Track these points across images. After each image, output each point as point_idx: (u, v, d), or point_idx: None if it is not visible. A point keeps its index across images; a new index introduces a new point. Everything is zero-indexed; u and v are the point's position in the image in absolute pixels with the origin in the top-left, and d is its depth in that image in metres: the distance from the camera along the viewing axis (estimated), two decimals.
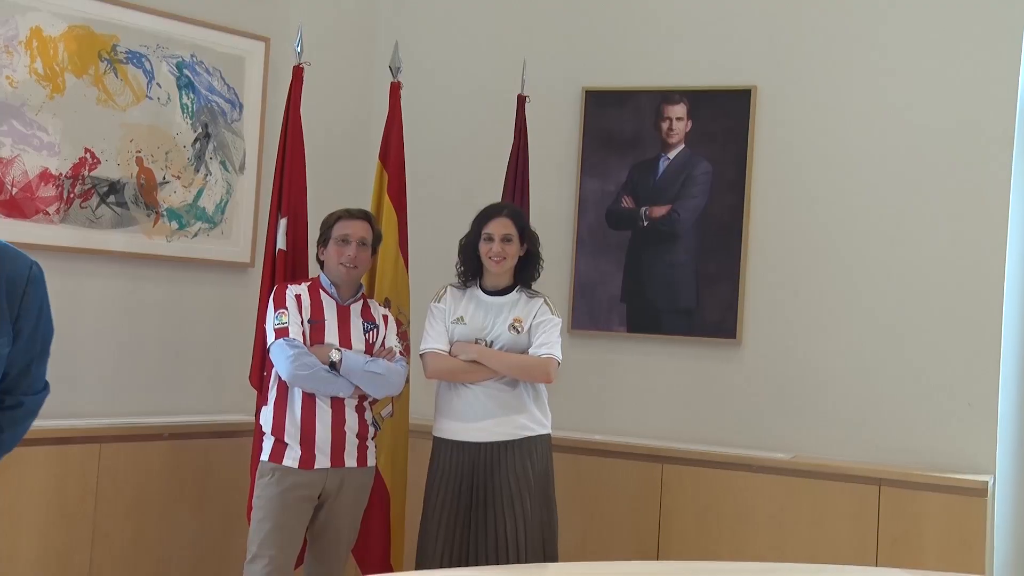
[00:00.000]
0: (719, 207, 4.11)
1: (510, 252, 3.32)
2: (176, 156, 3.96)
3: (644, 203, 4.23)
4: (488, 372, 3.27)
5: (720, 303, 4.09)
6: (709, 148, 4.13)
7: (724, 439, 4.03)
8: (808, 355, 3.99)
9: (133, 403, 3.87)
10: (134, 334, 3.90)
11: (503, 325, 3.31)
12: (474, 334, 3.33)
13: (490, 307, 3.34)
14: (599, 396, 4.27)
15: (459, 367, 3.28)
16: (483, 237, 3.33)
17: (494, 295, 3.36)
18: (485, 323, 3.32)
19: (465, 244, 3.38)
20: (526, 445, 3.28)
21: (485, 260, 3.34)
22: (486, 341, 3.32)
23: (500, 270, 3.33)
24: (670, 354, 4.16)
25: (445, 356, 3.31)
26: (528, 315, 3.33)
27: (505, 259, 3.32)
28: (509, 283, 3.37)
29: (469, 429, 3.28)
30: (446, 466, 3.31)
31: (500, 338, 3.31)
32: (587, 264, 4.30)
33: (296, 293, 3.28)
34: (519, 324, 3.32)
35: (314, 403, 3.22)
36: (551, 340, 3.30)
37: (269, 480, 3.21)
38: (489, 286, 3.38)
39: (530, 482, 3.26)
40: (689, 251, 4.14)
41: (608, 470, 3.96)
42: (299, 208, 3.62)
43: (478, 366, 3.28)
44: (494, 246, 3.31)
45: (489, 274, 3.36)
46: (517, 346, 3.31)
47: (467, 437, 3.29)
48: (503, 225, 3.33)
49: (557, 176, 4.36)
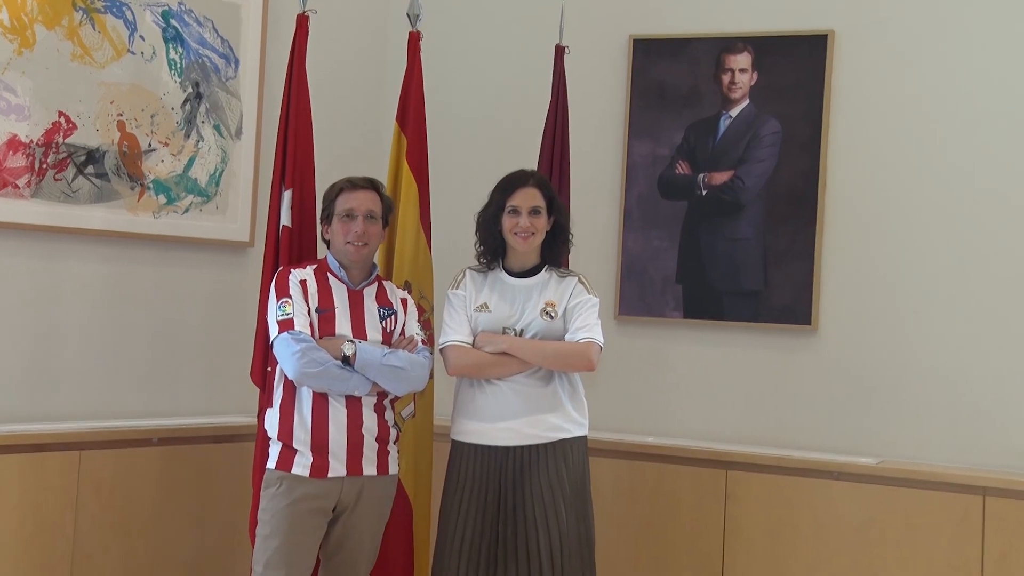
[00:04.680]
0: (790, 172, 4.11)
1: (539, 226, 3.32)
2: (163, 120, 3.95)
3: (702, 169, 4.23)
4: (519, 365, 3.27)
5: (792, 284, 4.08)
6: (778, 104, 4.12)
7: (798, 441, 4.03)
8: (896, 343, 3.97)
9: (118, 404, 3.87)
10: (118, 325, 3.89)
11: (534, 310, 3.31)
12: (501, 323, 3.32)
13: (517, 291, 3.34)
14: (650, 392, 4.29)
15: (486, 361, 3.28)
16: (507, 210, 3.31)
17: (521, 277, 3.36)
18: (513, 309, 3.33)
19: (485, 219, 3.37)
20: (560, 448, 3.28)
21: (510, 237, 3.32)
22: (515, 330, 3.31)
23: (528, 247, 3.33)
24: (733, 343, 4.17)
25: (469, 349, 3.31)
26: (562, 297, 3.32)
27: (534, 235, 3.31)
28: (537, 262, 3.38)
29: (494, 430, 3.28)
30: (467, 474, 3.31)
31: (532, 325, 3.30)
32: (636, 240, 4.31)
33: (300, 278, 3.28)
34: (552, 308, 3.31)
35: (326, 403, 3.21)
36: (590, 322, 3.29)
37: (276, 491, 3.21)
38: (515, 267, 3.37)
39: (565, 491, 3.25)
40: (755, 224, 4.14)
41: (663, 478, 3.97)
42: (306, 178, 3.61)
43: (508, 359, 3.27)
44: (521, 220, 3.30)
45: (515, 253, 3.35)
46: (552, 333, 3.30)
47: (492, 440, 3.28)
48: (530, 196, 3.31)
49: (601, 139, 4.37)
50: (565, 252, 3.44)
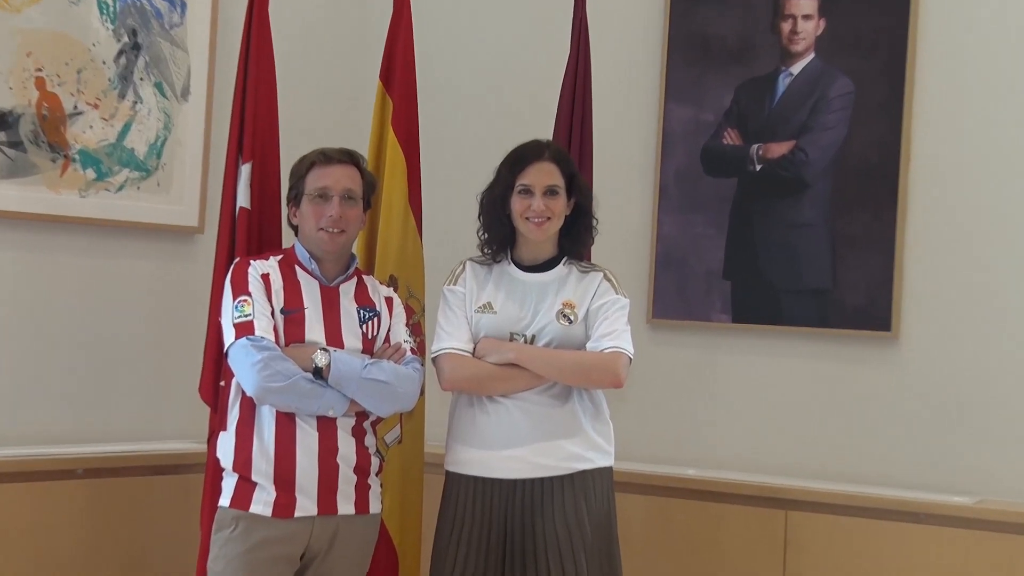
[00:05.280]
0: (864, 143, 4.10)
1: (556, 210, 3.33)
2: (92, 76, 3.96)
3: (756, 138, 4.24)
4: (529, 379, 3.28)
5: (867, 281, 4.08)
6: (850, 58, 4.12)
7: (874, 476, 4.03)
8: (994, 353, 3.96)
9: (36, 426, 3.88)
10: (35, 329, 3.90)
11: (549, 312, 3.33)
12: (508, 326, 3.35)
13: (529, 288, 3.36)
14: (690, 414, 4.31)
15: (488, 373, 3.30)
16: (517, 190, 3.33)
17: (533, 271, 3.38)
18: (523, 311, 3.35)
19: (490, 201, 3.39)
20: (580, 482, 3.29)
21: (521, 223, 3.34)
22: (525, 336, 3.33)
23: (543, 236, 3.35)
24: (793, 354, 4.17)
25: (468, 359, 3.33)
26: (583, 296, 3.34)
27: (550, 220, 3.33)
28: (553, 254, 3.39)
29: (498, 460, 3.30)
30: (466, 512, 3.32)
31: (546, 330, 3.32)
32: (674, 226, 4.31)
33: (262, 272, 3.29)
34: (571, 310, 3.32)
35: (293, 425, 3.22)
36: (617, 328, 3.30)
37: (231, 534, 3.20)
38: (526, 259, 3.39)
39: (586, 534, 3.26)
40: (821, 206, 4.14)
41: (707, 520, 3.98)
42: (268, 150, 3.64)
43: (515, 371, 3.28)
44: (535, 202, 3.31)
45: (526, 243, 3.37)
46: (570, 341, 3.32)
47: (495, 472, 3.30)
48: (545, 172, 3.32)
49: (631, 103, 4.37)
50: (588, 242, 3.45)
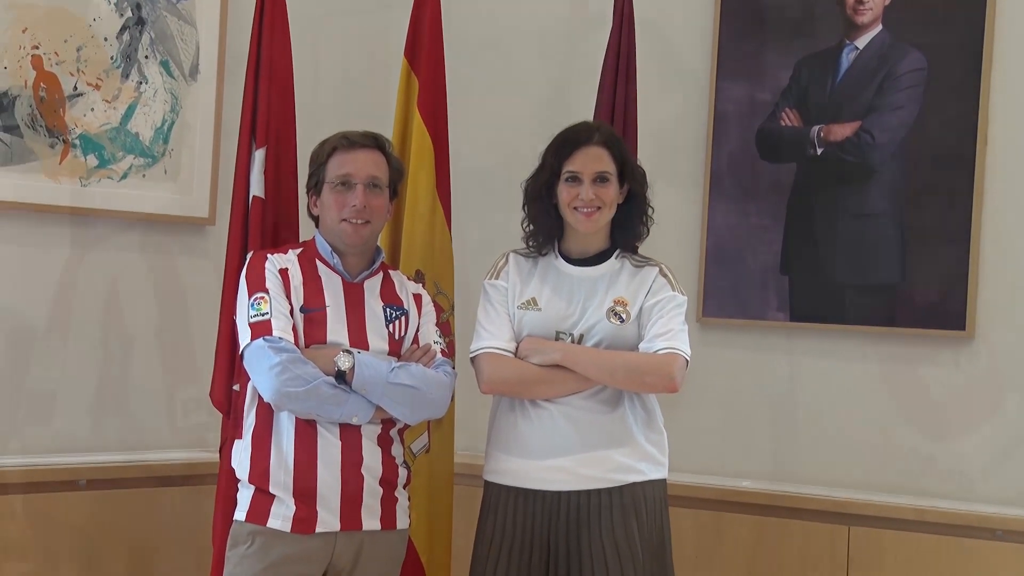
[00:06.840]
0: (938, 125, 4.10)
1: (607, 199, 3.34)
2: (93, 54, 3.97)
3: (817, 120, 4.25)
4: (576, 382, 3.29)
5: (941, 276, 4.10)
6: (922, 31, 4.13)
7: (946, 488, 4.05)
8: None
9: (36, 435, 3.89)
10: (32, 328, 3.91)
11: (599, 310, 3.34)
12: (554, 325, 3.36)
13: (577, 283, 3.38)
14: (746, 421, 4.32)
15: (532, 375, 3.31)
16: (564, 177, 3.35)
17: (582, 265, 3.40)
18: (570, 308, 3.36)
19: (535, 189, 3.40)
20: (631, 495, 3.30)
21: (568, 213, 3.36)
22: (572, 335, 3.35)
23: (592, 227, 3.36)
24: (859, 355, 4.19)
25: (510, 359, 3.34)
26: (637, 293, 3.36)
27: (600, 209, 3.34)
28: (604, 246, 3.41)
29: (541, 470, 3.31)
30: (505, 527, 3.34)
31: (595, 330, 3.34)
32: (726, 216, 4.33)
33: (280, 267, 3.30)
34: (623, 307, 3.34)
35: (314, 434, 3.22)
36: (673, 328, 3.31)
37: (247, 550, 3.22)
38: (575, 252, 3.41)
39: (636, 552, 3.27)
40: (890, 194, 4.15)
41: (765, 535, 4.01)
42: (283, 134, 3.65)
43: (562, 373, 3.30)
44: (583, 191, 3.32)
45: (575, 234, 3.39)
46: (621, 341, 3.33)
47: (538, 483, 3.32)
48: (595, 158, 3.33)
49: (680, 80, 4.38)
50: (642, 233, 3.44)
